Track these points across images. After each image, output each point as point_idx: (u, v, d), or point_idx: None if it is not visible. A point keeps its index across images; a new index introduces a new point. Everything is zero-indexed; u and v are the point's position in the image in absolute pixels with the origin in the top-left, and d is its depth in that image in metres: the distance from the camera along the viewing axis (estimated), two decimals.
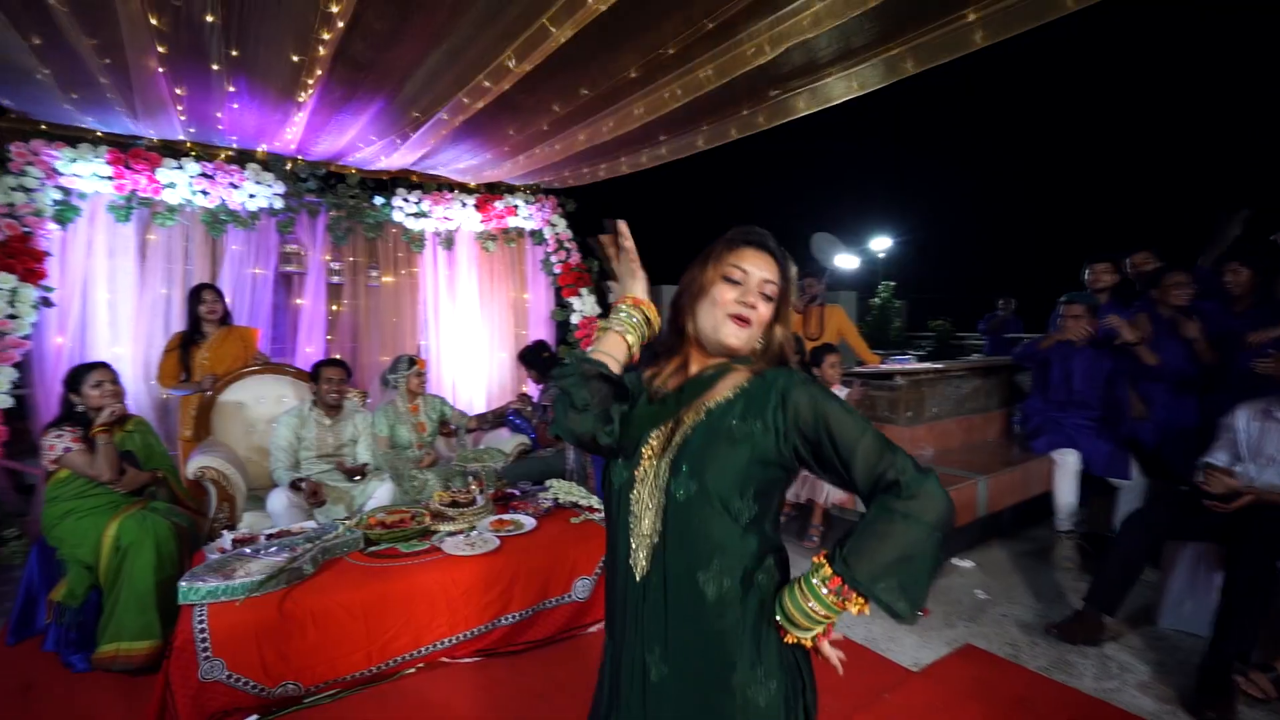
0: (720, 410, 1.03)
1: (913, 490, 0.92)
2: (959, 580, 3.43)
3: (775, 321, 1.11)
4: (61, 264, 3.68)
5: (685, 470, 0.99)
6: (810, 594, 0.95)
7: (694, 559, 0.98)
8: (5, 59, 2.74)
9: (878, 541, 0.93)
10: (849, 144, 19.42)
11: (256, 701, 2.18)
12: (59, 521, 2.60)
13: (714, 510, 0.98)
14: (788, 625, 0.97)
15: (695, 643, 0.98)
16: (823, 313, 5.18)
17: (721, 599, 0.97)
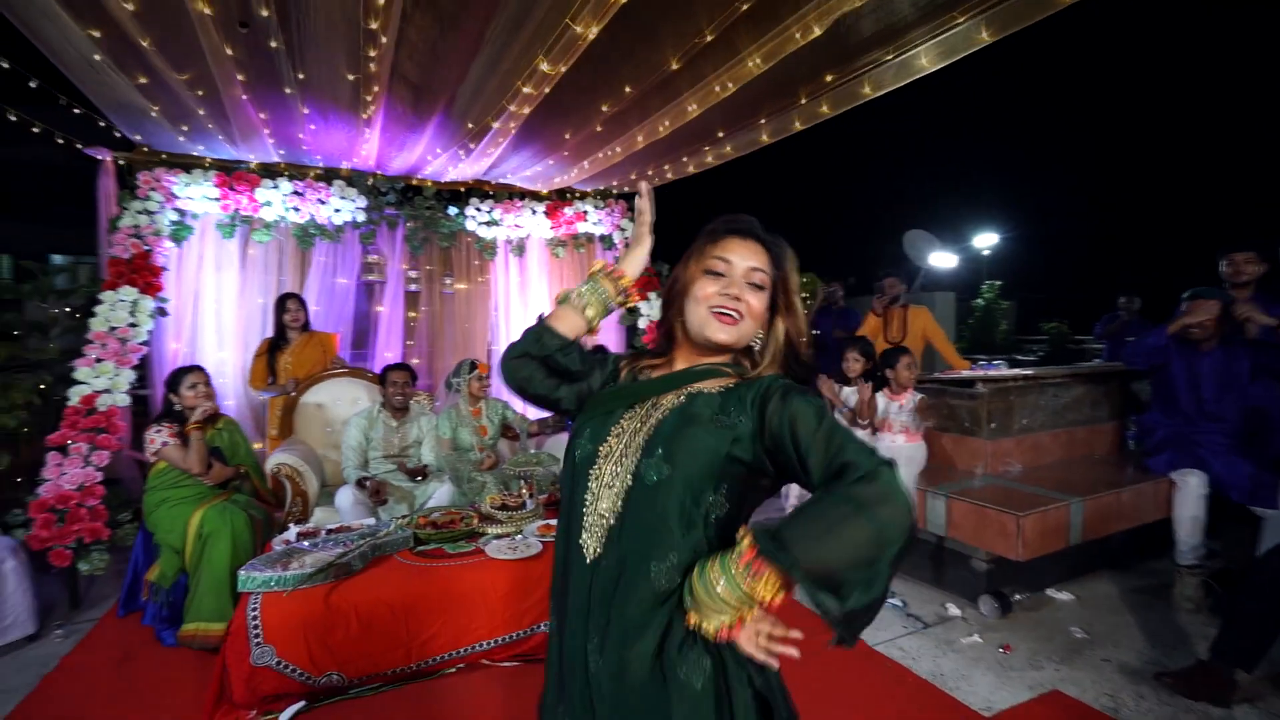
0: (703, 399, 0.97)
1: (866, 475, 0.80)
2: (1053, 614, 3.04)
3: (776, 315, 1.04)
4: (176, 278, 4.11)
5: (660, 453, 0.93)
6: (720, 570, 0.83)
7: (651, 547, 0.91)
8: (124, 100, 3.10)
9: (816, 521, 0.80)
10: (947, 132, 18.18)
11: (303, 689, 2.29)
12: (155, 508, 2.88)
13: (683, 499, 0.91)
14: (690, 605, 0.87)
15: (633, 630, 0.90)
16: (905, 314, 4.84)
17: (672, 595, 0.90)
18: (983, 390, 3.24)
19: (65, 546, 3.04)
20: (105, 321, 3.46)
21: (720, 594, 0.82)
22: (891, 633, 2.88)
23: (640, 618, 0.90)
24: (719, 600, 0.83)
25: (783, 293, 1.03)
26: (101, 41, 2.38)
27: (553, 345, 1.08)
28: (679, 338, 1.07)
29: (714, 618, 0.84)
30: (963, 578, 3.14)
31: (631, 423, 1.00)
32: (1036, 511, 2.73)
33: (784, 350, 1.04)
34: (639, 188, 1.10)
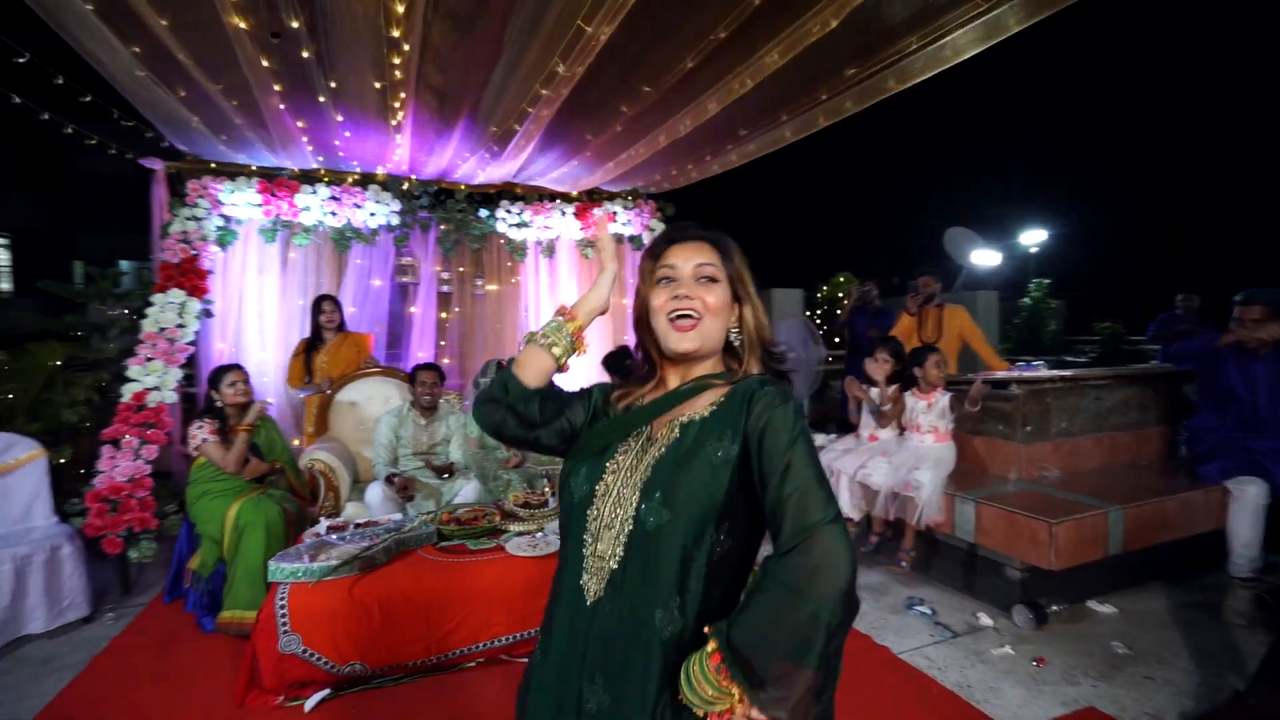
0: (696, 428, 0.95)
1: (802, 543, 0.81)
2: (1093, 627, 2.90)
3: (741, 305, 1.03)
4: (222, 281, 4.30)
5: (658, 496, 0.91)
6: (700, 671, 0.83)
7: (655, 594, 0.90)
8: (167, 112, 3.26)
9: (756, 615, 0.81)
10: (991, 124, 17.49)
11: (328, 677, 2.37)
12: (196, 501, 3.01)
13: (684, 543, 0.89)
14: (686, 697, 0.85)
15: (643, 679, 0.89)
16: (941, 314, 4.70)
17: (679, 640, 0.89)
18: (1017, 392, 3.11)
19: (117, 535, 3.21)
20: (155, 322, 3.65)
21: (708, 697, 0.83)
22: (918, 640, 2.80)
23: (645, 665, 0.90)
24: (706, 701, 0.83)
25: (739, 282, 1.03)
26: (143, 56, 2.51)
27: (516, 394, 1.03)
28: (655, 358, 1.06)
29: (708, 707, 0.84)
30: (996, 586, 3.03)
31: (627, 458, 0.98)
32: (1071, 519, 2.61)
33: (756, 340, 1.04)
34: (596, 220, 1.10)
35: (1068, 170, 19.65)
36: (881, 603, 3.16)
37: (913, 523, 3.11)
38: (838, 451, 3.52)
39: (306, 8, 2.28)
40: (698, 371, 1.03)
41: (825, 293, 8.76)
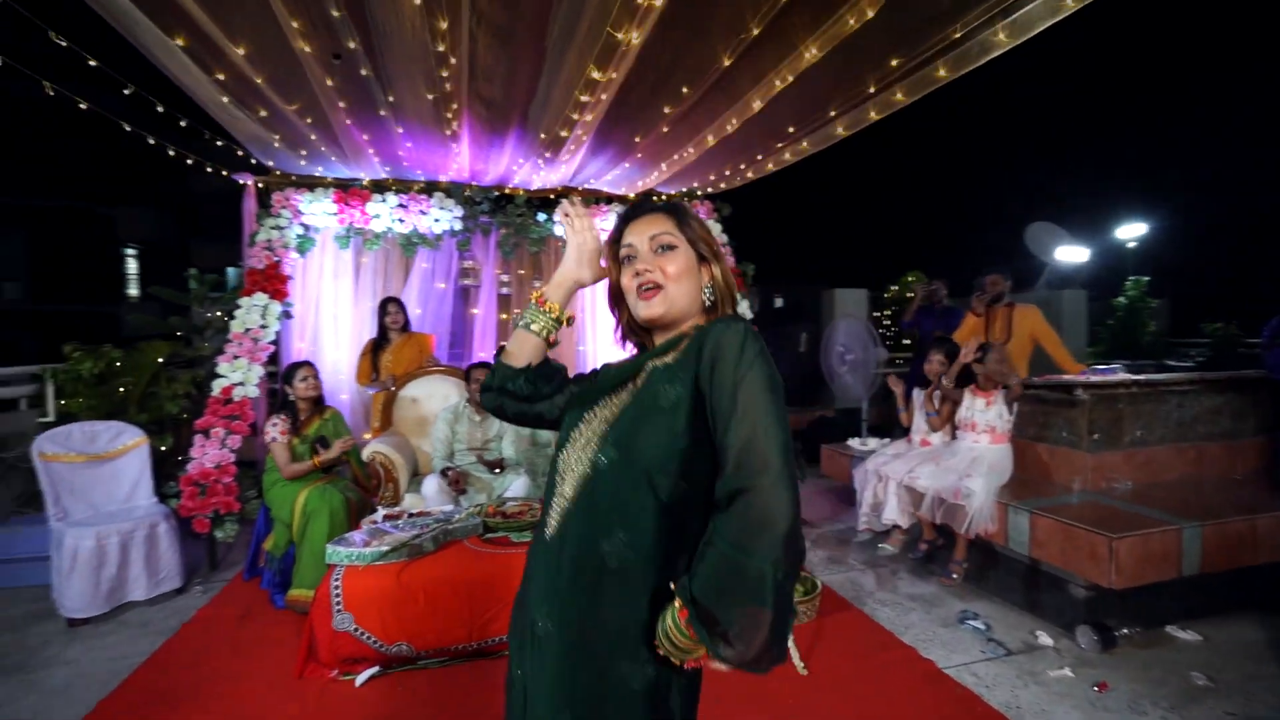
0: (659, 374, 0.99)
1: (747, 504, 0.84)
2: (1170, 655, 2.67)
3: (709, 265, 1.06)
4: (301, 285, 4.64)
5: (611, 437, 0.98)
6: (674, 624, 0.88)
7: (600, 527, 0.95)
8: (251, 132, 3.57)
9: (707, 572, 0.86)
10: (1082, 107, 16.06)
11: (377, 655, 2.53)
12: (271, 487, 3.28)
13: (633, 481, 0.94)
14: (661, 642, 0.90)
15: (583, 608, 0.95)
16: (1010, 314, 4.45)
17: (622, 571, 0.93)
18: (1083, 397, 2.90)
19: (205, 516, 3.54)
20: (242, 323, 3.99)
21: (682, 645, 0.88)
22: (968, 656, 2.67)
23: (589, 590, 0.94)
24: (682, 650, 0.88)
25: (701, 244, 1.06)
26: (225, 83, 2.77)
27: (504, 375, 1.11)
28: (642, 331, 1.11)
29: (683, 655, 0.89)
30: (1058, 604, 2.84)
31: (600, 410, 1.03)
32: (1135, 534, 2.41)
33: (728, 294, 1.07)
34: (562, 203, 1.10)
35: (1173, 154, 17.72)
36: (932, 614, 3.03)
37: (962, 531, 2.96)
38: (887, 456, 3.40)
39: (361, 29, 2.44)
40: (671, 334, 1.06)
41: (894, 292, 8.43)
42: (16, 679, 2.54)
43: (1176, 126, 17.42)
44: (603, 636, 0.93)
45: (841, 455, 4.22)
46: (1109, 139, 18.93)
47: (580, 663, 0.94)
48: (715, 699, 2.33)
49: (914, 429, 3.41)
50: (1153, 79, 17.06)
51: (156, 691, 2.43)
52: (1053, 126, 19.02)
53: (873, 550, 3.76)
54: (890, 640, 2.80)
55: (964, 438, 3.11)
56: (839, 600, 3.18)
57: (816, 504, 4.97)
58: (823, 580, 3.35)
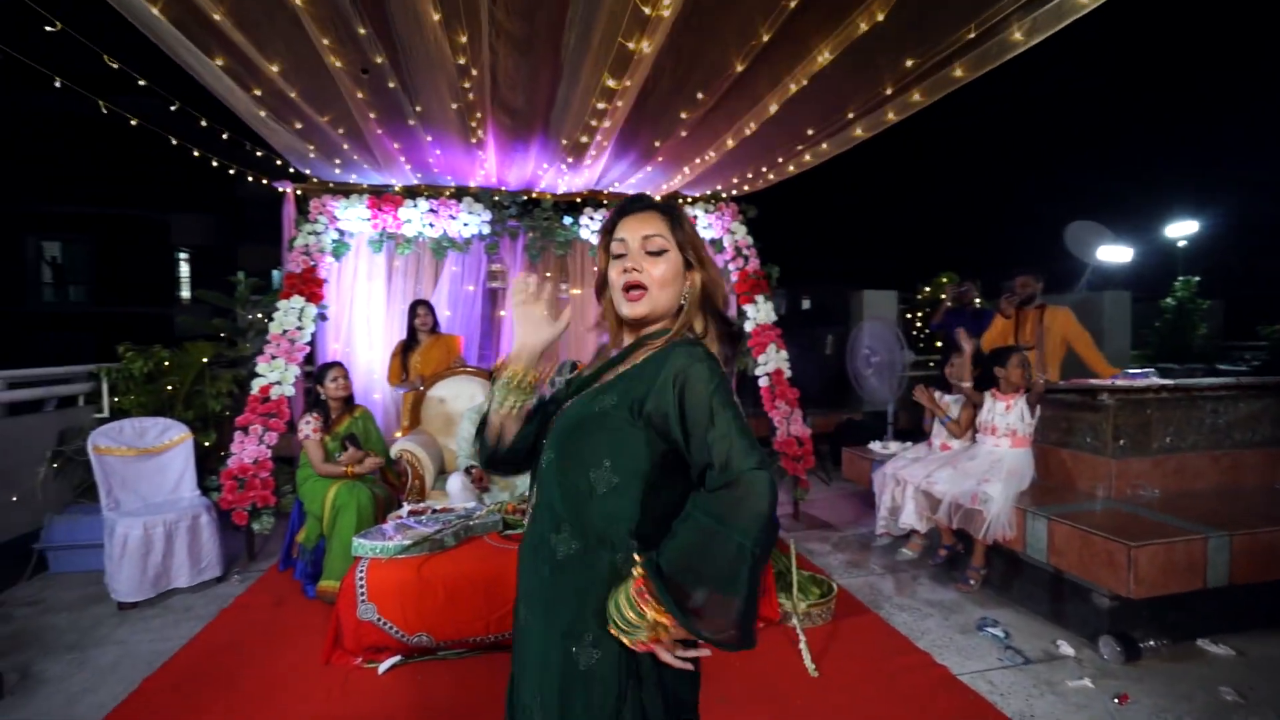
0: (608, 385, 1.04)
1: (727, 484, 0.90)
2: (1199, 669, 2.59)
3: (693, 271, 1.10)
4: (336, 288, 4.83)
5: (549, 441, 1.06)
6: (625, 599, 0.93)
7: (548, 523, 1.03)
8: (287, 143, 3.74)
9: (680, 541, 0.91)
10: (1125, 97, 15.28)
11: (399, 645, 2.63)
12: (304, 482, 3.43)
13: (567, 477, 1.01)
14: (614, 628, 0.95)
15: (547, 599, 1.02)
16: (1041, 316, 4.34)
17: (568, 560, 1.00)
18: (1108, 402, 2.82)
19: (243, 509, 3.72)
20: (280, 325, 4.18)
21: (631, 619, 0.92)
22: (983, 663, 2.64)
23: (547, 586, 1.02)
24: (631, 625, 0.92)
25: (690, 249, 1.09)
26: (263, 98, 2.92)
27: (488, 452, 1.15)
28: (614, 323, 1.15)
29: (632, 635, 0.93)
30: (1082, 614, 2.78)
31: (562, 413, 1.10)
32: (1156, 543, 2.35)
33: (701, 299, 1.10)
34: (519, 281, 1.10)
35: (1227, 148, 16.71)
36: (950, 621, 3.00)
37: (979, 537, 2.91)
38: (906, 459, 3.37)
39: (387, 45, 2.55)
40: (647, 333, 1.10)
41: (927, 294, 8.26)
42: (72, 656, 2.73)
43: (1232, 119, 16.53)
44: (561, 623, 0.99)
45: (863, 459, 4.19)
46: (1158, 133, 18.09)
47: (548, 650, 1.00)
48: (721, 698, 2.37)
49: (934, 433, 3.37)
50: (1205, 69, 16.27)
51: (196, 672, 2.58)
52: (1097, 120, 18.31)
53: (894, 555, 3.72)
54: (905, 645, 2.78)
55: (984, 441, 3.06)
56: (855, 604, 3.17)
57: (839, 507, 4.94)
58: (842, 584, 3.34)
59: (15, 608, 3.22)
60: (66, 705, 2.37)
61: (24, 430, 3.76)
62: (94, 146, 12.88)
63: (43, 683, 2.52)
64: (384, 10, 2.29)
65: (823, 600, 2.96)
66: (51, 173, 14.65)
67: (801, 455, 4.63)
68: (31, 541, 3.60)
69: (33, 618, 3.11)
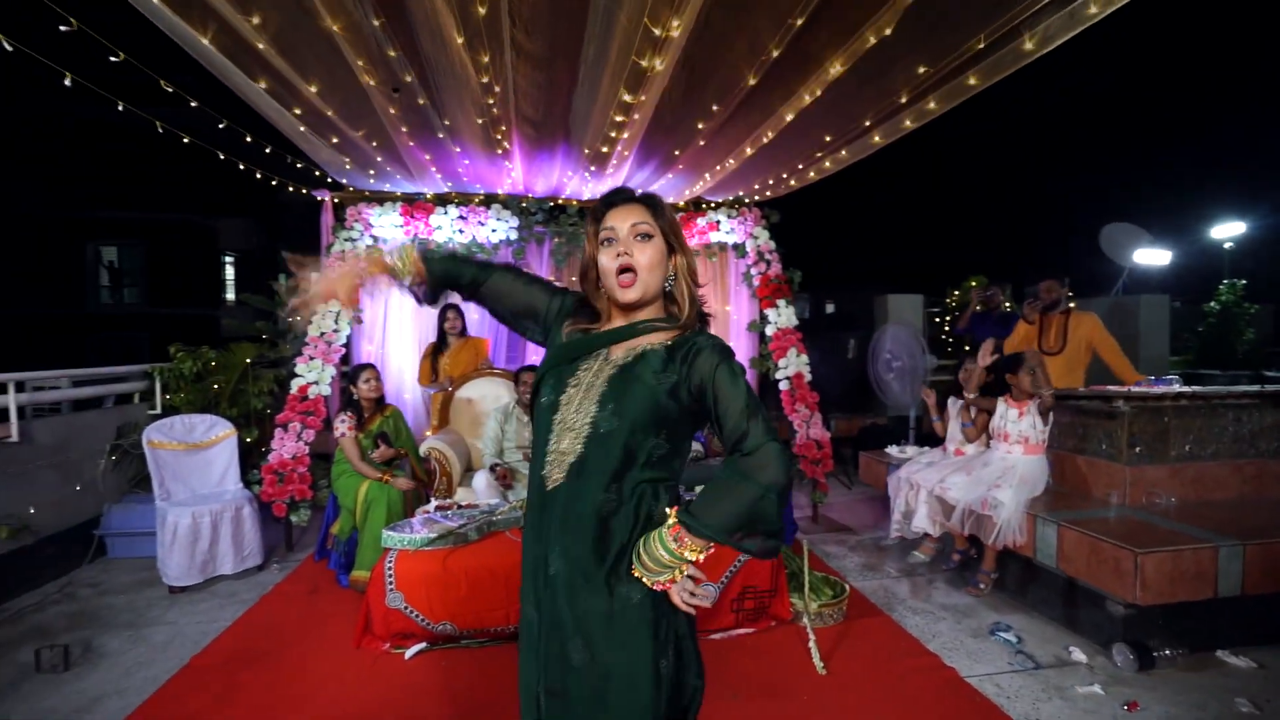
0: (648, 358, 1.18)
1: (752, 451, 1.09)
2: (1216, 679, 2.57)
3: (675, 254, 1.23)
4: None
5: (610, 407, 1.15)
6: (659, 543, 1.10)
7: (600, 480, 1.14)
8: (326, 157, 3.95)
9: (717, 497, 1.11)
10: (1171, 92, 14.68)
11: (424, 632, 2.78)
12: (338, 478, 3.62)
13: (628, 443, 1.14)
14: (639, 569, 1.12)
15: (589, 544, 1.14)
16: (1066, 321, 4.30)
17: (617, 514, 1.14)
18: (1124, 408, 2.81)
19: (282, 501, 3.94)
20: (317, 328, 4.40)
21: (661, 558, 1.10)
22: (992, 667, 2.66)
23: (590, 535, 1.14)
24: (659, 564, 1.10)
25: (672, 235, 1.22)
26: (302, 116, 3.11)
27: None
28: (605, 306, 1.26)
29: (655, 576, 1.11)
30: (1096, 621, 2.78)
31: (587, 375, 1.20)
32: (1164, 550, 2.35)
33: (687, 284, 1.23)
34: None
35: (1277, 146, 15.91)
36: (962, 625, 3.02)
37: (989, 543, 2.93)
38: (921, 464, 3.39)
39: (416, 65, 2.71)
40: (641, 316, 1.23)
41: (956, 298, 8.16)
42: (129, 634, 2.95)
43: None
44: (604, 566, 1.13)
45: (879, 463, 4.21)
46: (1203, 132, 17.36)
47: (590, 590, 1.13)
48: (733, 694, 2.45)
49: (949, 438, 3.38)
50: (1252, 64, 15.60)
51: (238, 652, 2.77)
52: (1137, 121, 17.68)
53: (909, 558, 3.74)
54: (915, 647, 2.82)
55: (997, 447, 3.07)
56: (868, 605, 3.21)
57: (858, 511, 4.95)
58: (856, 586, 3.39)
59: (79, 588, 3.49)
60: (124, 677, 2.58)
61: (86, 425, 4.04)
62: (149, 158, 13.54)
63: (103, 656, 2.75)
64: (412, 34, 2.44)
65: (835, 601, 3.01)
66: (110, 182, 15.48)
67: (820, 459, 4.67)
68: (93, 528, 3.87)
69: (93, 598, 3.36)
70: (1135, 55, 12.51)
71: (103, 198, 15.62)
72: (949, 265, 9.41)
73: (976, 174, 18.77)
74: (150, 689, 2.48)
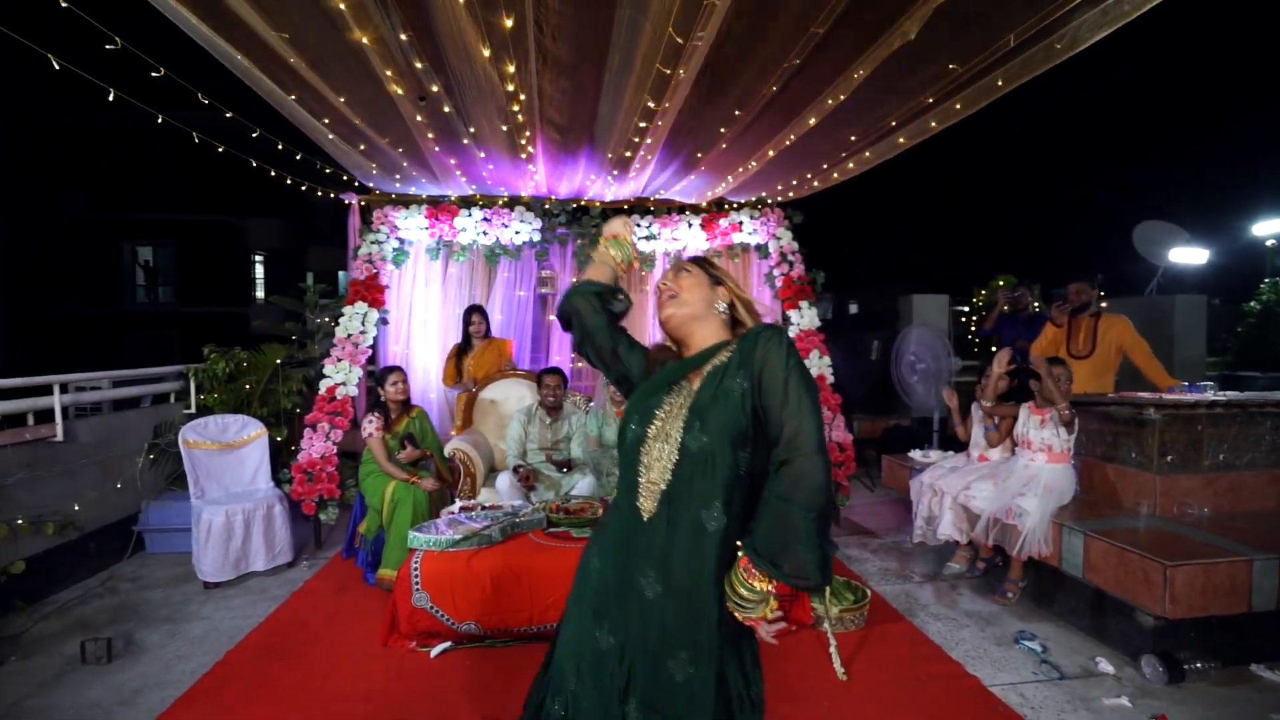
0: (720, 371, 1.22)
1: (791, 468, 1.11)
2: (1250, 694, 2.52)
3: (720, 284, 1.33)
4: (396, 293, 5.13)
5: (697, 425, 1.19)
6: (737, 579, 1.14)
7: (698, 501, 1.18)
8: (354, 162, 4.03)
9: (764, 525, 1.12)
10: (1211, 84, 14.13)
11: (449, 632, 2.84)
12: (366, 478, 3.70)
13: (719, 459, 1.16)
14: (733, 606, 1.16)
15: (691, 568, 1.18)
16: (1095, 324, 4.21)
17: (721, 532, 1.17)
18: (1154, 416, 2.75)
19: (311, 500, 4.03)
20: (345, 329, 4.49)
21: (746, 596, 1.13)
22: (1017, 676, 2.64)
23: (692, 556, 1.17)
24: (747, 601, 1.14)
25: (710, 268, 1.35)
26: (331, 125, 3.18)
27: (586, 287, 1.38)
28: (674, 343, 1.36)
29: (747, 611, 1.15)
30: (1125, 631, 2.73)
31: (670, 407, 1.25)
32: (1195, 563, 2.30)
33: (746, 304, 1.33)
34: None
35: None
36: (987, 632, 2.99)
37: (1014, 553, 2.89)
38: (944, 470, 3.36)
39: (442, 75, 2.75)
40: (709, 341, 1.29)
41: (982, 298, 8.04)
42: (167, 628, 3.06)
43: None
44: (706, 586, 1.17)
45: (901, 466, 4.18)
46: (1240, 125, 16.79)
47: (692, 610, 1.17)
48: None
49: (972, 443, 3.34)
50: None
51: (270, 647, 2.86)
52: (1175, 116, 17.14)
53: (934, 564, 3.71)
54: (936, 654, 2.80)
55: (1021, 455, 3.02)
56: (890, 611, 3.20)
57: (881, 514, 4.92)
58: (878, 591, 3.37)
59: (119, 583, 3.62)
60: (164, 670, 2.68)
61: (126, 424, 4.18)
62: (184, 161, 13.91)
63: (144, 649, 2.86)
64: (438, 46, 2.49)
65: (856, 606, 3.00)
66: (143, 183, 15.92)
67: (843, 461, 4.64)
68: (131, 524, 4.01)
69: (133, 593, 3.49)
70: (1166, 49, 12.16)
71: (136, 199, 16.07)
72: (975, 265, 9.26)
73: (1004, 173, 18.40)
74: (188, 682, 2.57)
